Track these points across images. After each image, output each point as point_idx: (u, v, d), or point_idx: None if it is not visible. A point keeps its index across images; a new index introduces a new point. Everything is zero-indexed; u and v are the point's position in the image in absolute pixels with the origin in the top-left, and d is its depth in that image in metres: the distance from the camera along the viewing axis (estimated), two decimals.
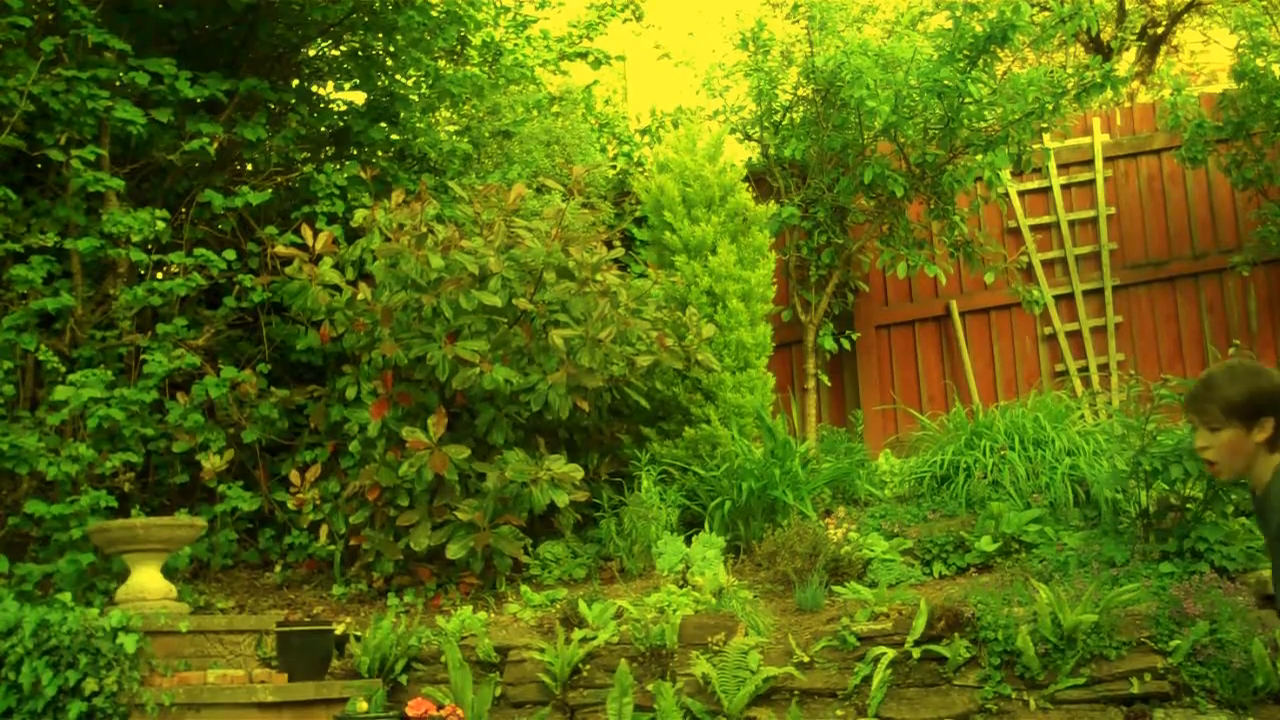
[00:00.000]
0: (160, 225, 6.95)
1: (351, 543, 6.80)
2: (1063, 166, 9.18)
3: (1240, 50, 8.52)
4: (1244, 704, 5.23)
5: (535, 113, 9.49)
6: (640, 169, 9.67)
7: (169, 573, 6.19)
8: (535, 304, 6.58)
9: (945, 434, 7.37)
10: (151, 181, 7.73)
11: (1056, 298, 9.00)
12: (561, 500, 6.35)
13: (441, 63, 8.98)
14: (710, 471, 6.94)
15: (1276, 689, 5.24)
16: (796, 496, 6.73)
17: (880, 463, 7.43)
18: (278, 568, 7.07)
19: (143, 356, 6.95)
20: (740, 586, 6.14)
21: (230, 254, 7.18)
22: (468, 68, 9.23)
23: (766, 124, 8.82)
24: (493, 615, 6.28)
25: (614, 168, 9.73)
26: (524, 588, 6.47)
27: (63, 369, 6.65)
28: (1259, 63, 8.31)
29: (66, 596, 5.68)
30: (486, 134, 9.12)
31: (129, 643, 5.25)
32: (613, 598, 6.15)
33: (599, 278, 6.69)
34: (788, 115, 8.76)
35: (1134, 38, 13.20)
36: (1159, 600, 5.52)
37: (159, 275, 7.44)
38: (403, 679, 5.80)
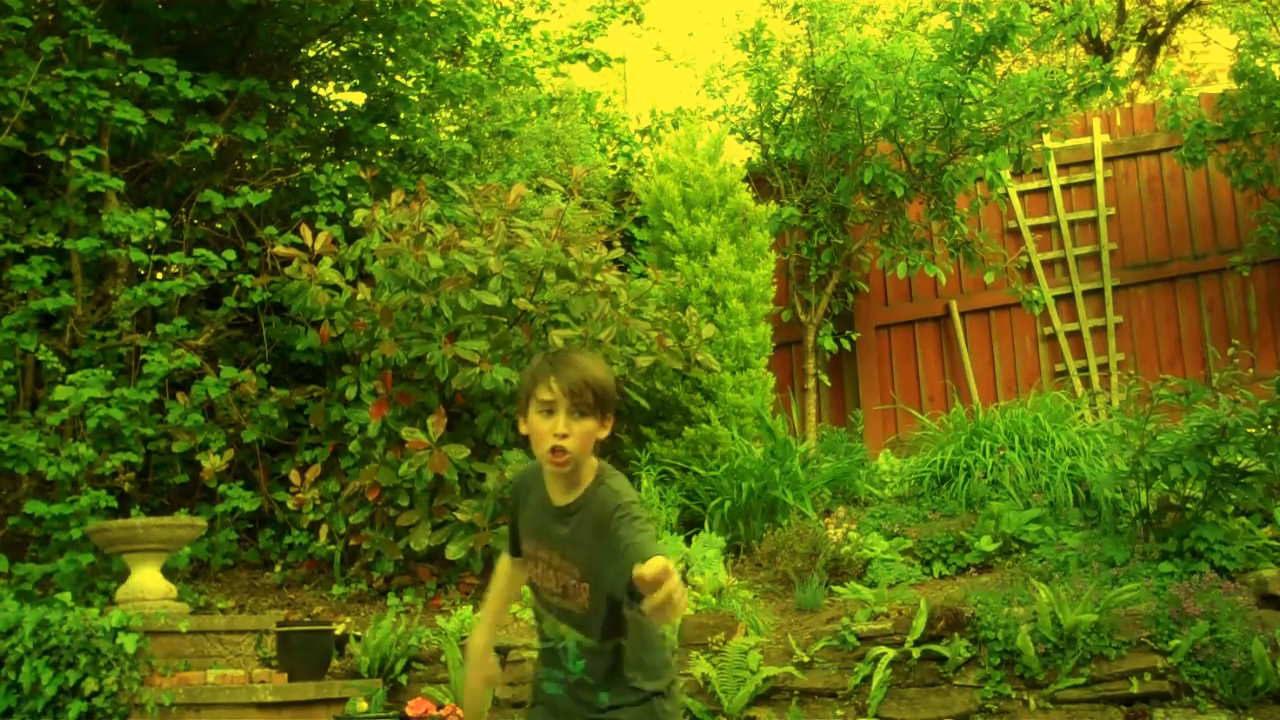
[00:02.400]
0: (160, 225, 6.95)
1: (351, 543, 6.80)
2: (1063, 167, 9.18)
3: (1240, 50, 8.53)
4: (1244, 704, 5.23)
5: (535, 113, 9.49)
6: (640, 169, 9.67)
7: (169, 573, 6.19)
8: (535, 304, 6.58)
9: (945, 434, 7.37)
10: (151, 181, 7.73)
11: (1056, 298, 9.00)
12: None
13: (441, 63, 8.98)
14: (710, 471, 6.94)
15: (1276, 689, 5.24)
16: (796, 496, 6.73)
17: (880, 463, 7.43)
18: (278, 568, 7.07)
19: (143, 356, 6.95)
20: (740, 586, 6.14)
21: (230, 254, 7.17)
22: (467, 68, 9.23)
23: (766, 124, 8.82)
24: None
25: (614, 168, 9.73)
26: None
27: (63, 369, 6.65)
28: (1259, 63, 8.31)
29: (66, 596, 5.68)
30: (486, 134, 9.12)
31: (129, 643, 5.25)
32: None
33: (599, 278, 6.69)
34: (788, 115, 8.75)
35: (1134, 38, 13.20)
36: (1159, 600, 5.52)
37: (159, 275, 7.44)
38: (403, 679, 5.80)
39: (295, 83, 8.52)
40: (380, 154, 8.61)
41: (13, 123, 6.78)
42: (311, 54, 8.66)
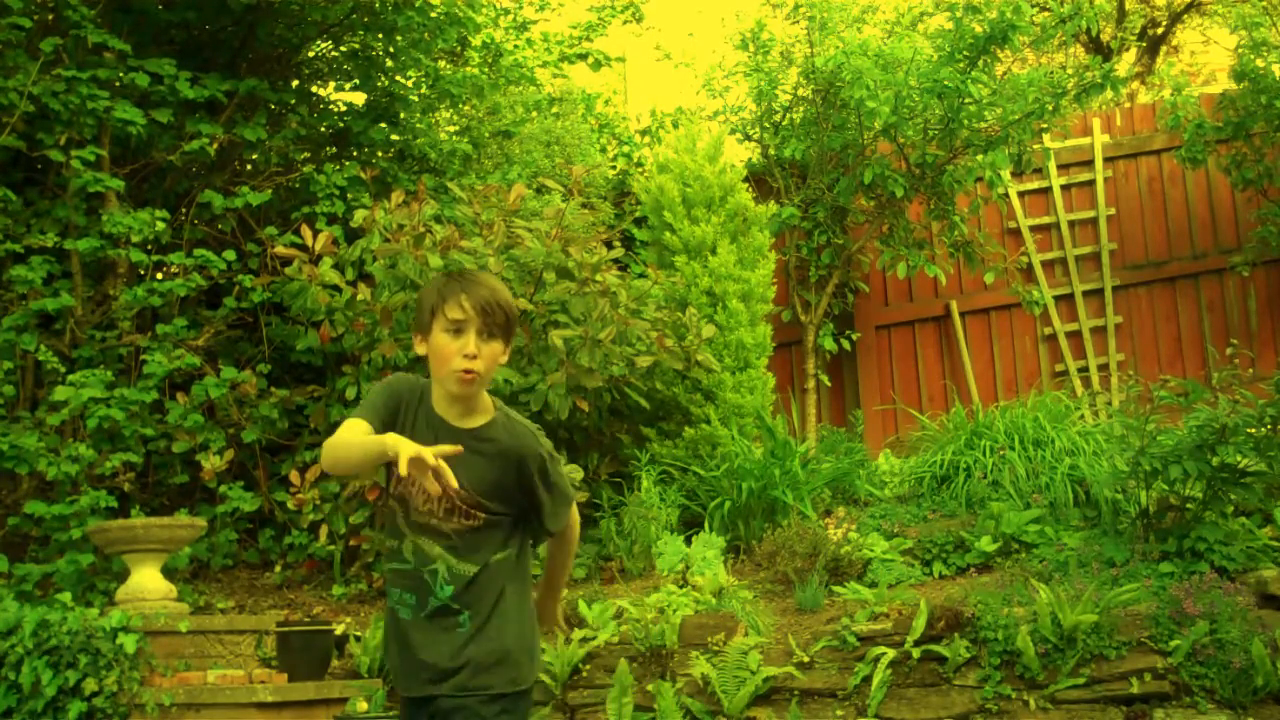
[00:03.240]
0: (160, 225, 6.96)
1: (351, 543, 6.80)
2: (1063, 167, 9.18)
3: (1240, 50, 8.53)
4: (1244, 704, 5.23)
5: (535, 113, 9.49)
6: (640, 169, 9.67)
7: (169, 573, 6.19)
8: (535, 304, 6.58)
9: (945, 434, 7.36)
10: (151, 182, 7.74)
11: (1056, 298, 9.00)
12: None
13: (441, 63, 8.98)
14: (710, 471, 6.94)
15: (1276, 689, 5.24)
16: (796, 496, 6.73)
17: (880, 463, 7.42)
18: (278, 568, 7.07)
19: (143, 357, 6.95)
20: (740, 586, 6.14)
21: (230, 254, 7.18)
22: (467, 69, 9.23)
23: (766, 124, 8.82)
24: None
25: (614, 168, 9.73)
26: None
27: (63, 369, 6.66)
28: (1259, 63, 8.31)
29: (66, 596, 5.68)
30: (486, 134, 9.13)
31: (129, 643, 5.25)
32: (613, 598, 6.15)
33: (599, 278, 6.69)
34: (788, 115, 8.76)
35: (1134, 38, 13.20)
36: (1159, 600, 5.52)
37: (159, 275, 7.44)
38: None
39: (295, 83, 8.52)
40: (380, 154, 8.61)
41: (13, 123, 6.78)
42: (311, 54, 8.66)
